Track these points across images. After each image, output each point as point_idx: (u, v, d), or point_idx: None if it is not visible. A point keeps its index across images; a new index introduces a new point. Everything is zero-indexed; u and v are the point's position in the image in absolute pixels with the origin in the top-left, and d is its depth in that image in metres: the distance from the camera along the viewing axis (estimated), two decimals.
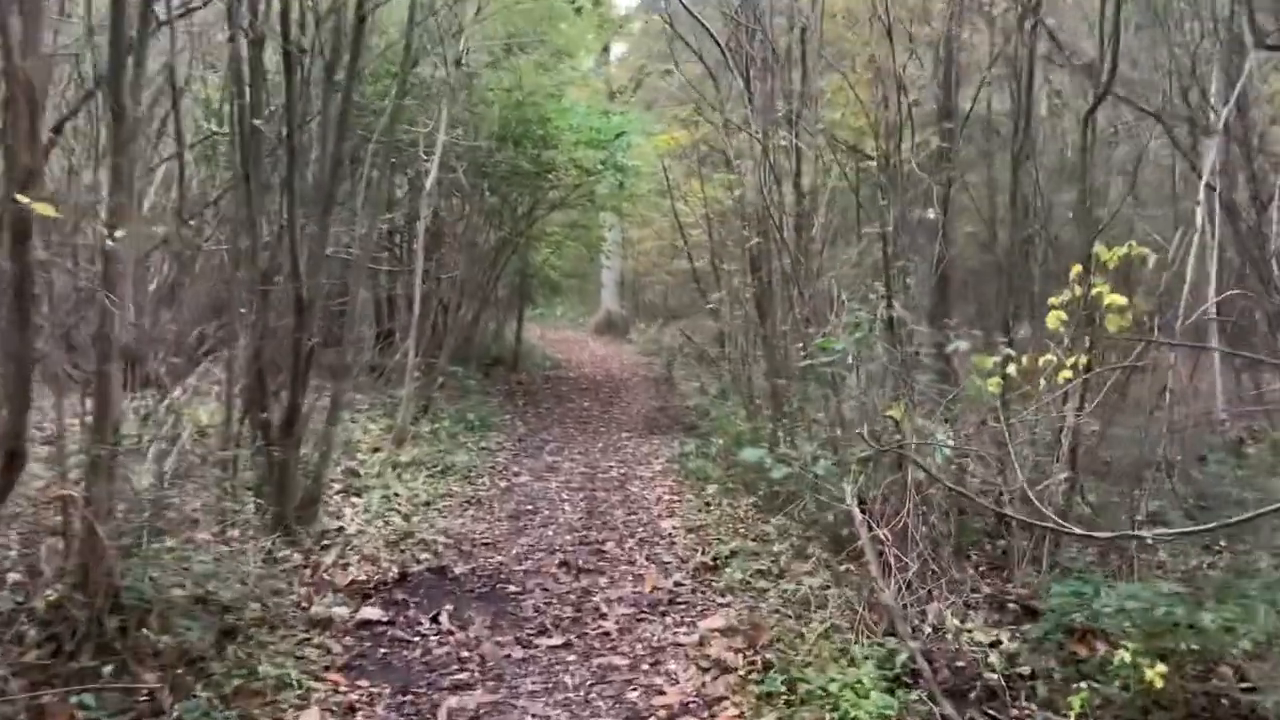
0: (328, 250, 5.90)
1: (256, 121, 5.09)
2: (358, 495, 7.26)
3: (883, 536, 4.52)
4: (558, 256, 16.87)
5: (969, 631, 4.29)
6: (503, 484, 8.35)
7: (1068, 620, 3.97)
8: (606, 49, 21.22)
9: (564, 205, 14.16)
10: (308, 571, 5.39)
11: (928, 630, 4.39)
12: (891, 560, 4.48)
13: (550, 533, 6.75)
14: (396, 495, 7.35)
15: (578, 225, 15.53)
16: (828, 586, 5.21)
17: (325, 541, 5.88)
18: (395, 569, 5.61)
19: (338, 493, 7.23)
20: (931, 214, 5.31)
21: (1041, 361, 5.10)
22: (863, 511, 4.79)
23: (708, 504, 7.54)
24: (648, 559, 6.08)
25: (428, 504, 7.21)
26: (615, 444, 10.52)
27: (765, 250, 6.93)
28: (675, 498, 7.86)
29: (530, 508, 7.50)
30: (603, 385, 15.36)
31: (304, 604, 4.91)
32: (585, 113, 12.75)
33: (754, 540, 6.32)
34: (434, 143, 8.61)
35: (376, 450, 8.36)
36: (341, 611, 4.85)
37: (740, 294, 8.49)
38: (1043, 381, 5.20)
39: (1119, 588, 3.96)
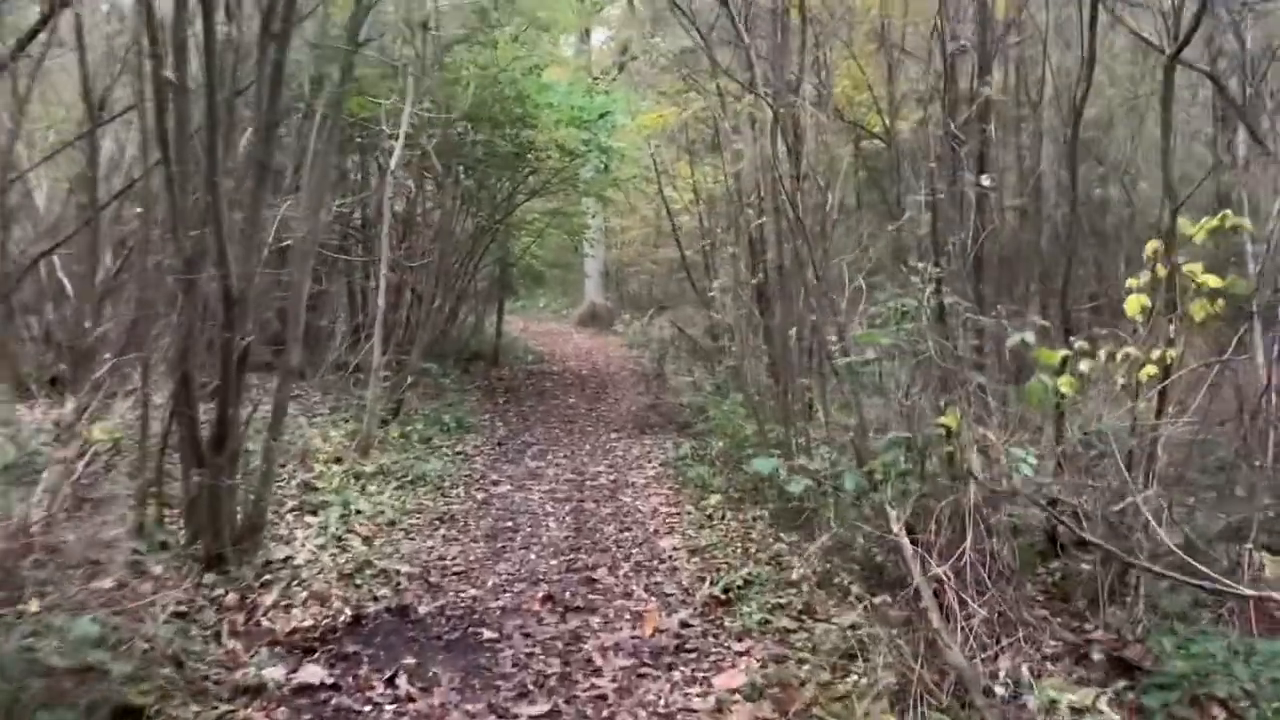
0: (269, 235, 4.91)
1: (167, 74, 4.11)
2: (313, 513, 6.31)
3: (942, 576, 3.60)
4: (539, 246, 15.87)
5: (1055, 697, 3.38)
6: (480, 495, 7.40)
7: (1203, 690, 3.07)
8: (588, 33, 20.22)
9: (545, 191, 13.18)
10: (241, 617, 4.44)
11: (1002, 692, 3.49)
12: (955, 604, 3.57)
13: (533, 556, 5.81)
14: (358, 513, 6.40)
15: (560, 212, 14.55)
16: (863, 625, 4.33)
17: (267, 576, 4.92)
18: (348, 610, 4.66)
19: (291, 510, 6.27)
20: (987, 180, 4.41)
21: (1120, 356, 4.22)
22: (913, 542, 3.87)
23: (710, 517, 6.62)
24: (647, 590, 5.15)
25: (393, 523, 6.26)
26: (604, 445, 9.58)
27: (776, 230, 6.00)
28: (673, 510, 6.94)
29: (510, 524, 6.56)
30: (589, 380, 14.41)
31: (230, 664, 3.96)
32: (567, 91, 11.78)
33: (769, 564, 5.40)
34: (399, 118, 7.63)
35: (338, 460, 7.40)
36: (276, 673, 3.90)
37: (742, 281, 7.57)
38: (1119, 379, 4.31)
39: (1260, 648, 3.07)
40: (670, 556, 5.74)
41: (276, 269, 9.37)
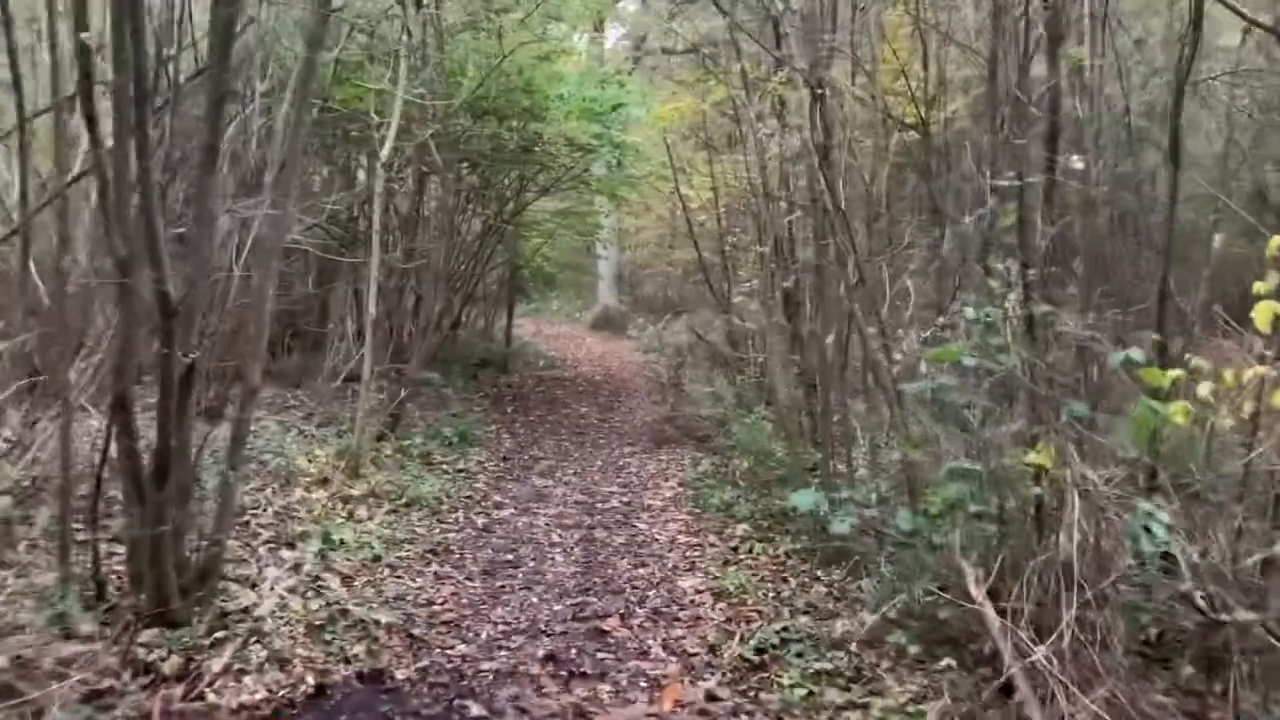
0: (222, 230, 4.16)
1: (85, 36, 3.35)
2: (290, 546, 5.54)
3: (1043, 661, 2.80)
4: (550, 247, 15.09)
5: None
6: (480, 521, 6.62)
7: None
8: (601, 25, 19.44)
9: (556, 189, 12.40)
10: (180, 691, 3.67)
11: None
12: (1063, 699, 2.76)
13: (535, 599, 5.02)
14: (341, 544, 5.63)
15: (571, 212, 13.77)
16: (927, 697, 3.55)
17: (220, 633, 4.15)
18: (310, 678, 3.88)
19: (265, 543, 5.51)
20: (1078, 162, 3.61)
21: (1247, 378, 3.39)
22: (999, 611, 3.07)
23: (735, 551, 5.82)
24: (665, 647, 4.35)
25: (377, 559, 5.48)
26: (616, 461, 8.80)
27: (814, 226, 5.20)
28: (694, 540, 6.14)
29: (511, 557, 5.78)
30: (601, 387, 13.64)
31: None
32: (578, 82, 11.01)
33: (807, 614, 4.60)
34: (391, 104, 6.87)
35: (324, 482, 6.63)
36: None
37: (772, 283, 6.78)
38: (1247, 405, 3.49)
39: None
40: (693, 601, 4.94)
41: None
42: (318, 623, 4.41)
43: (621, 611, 4.80)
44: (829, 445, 5.48)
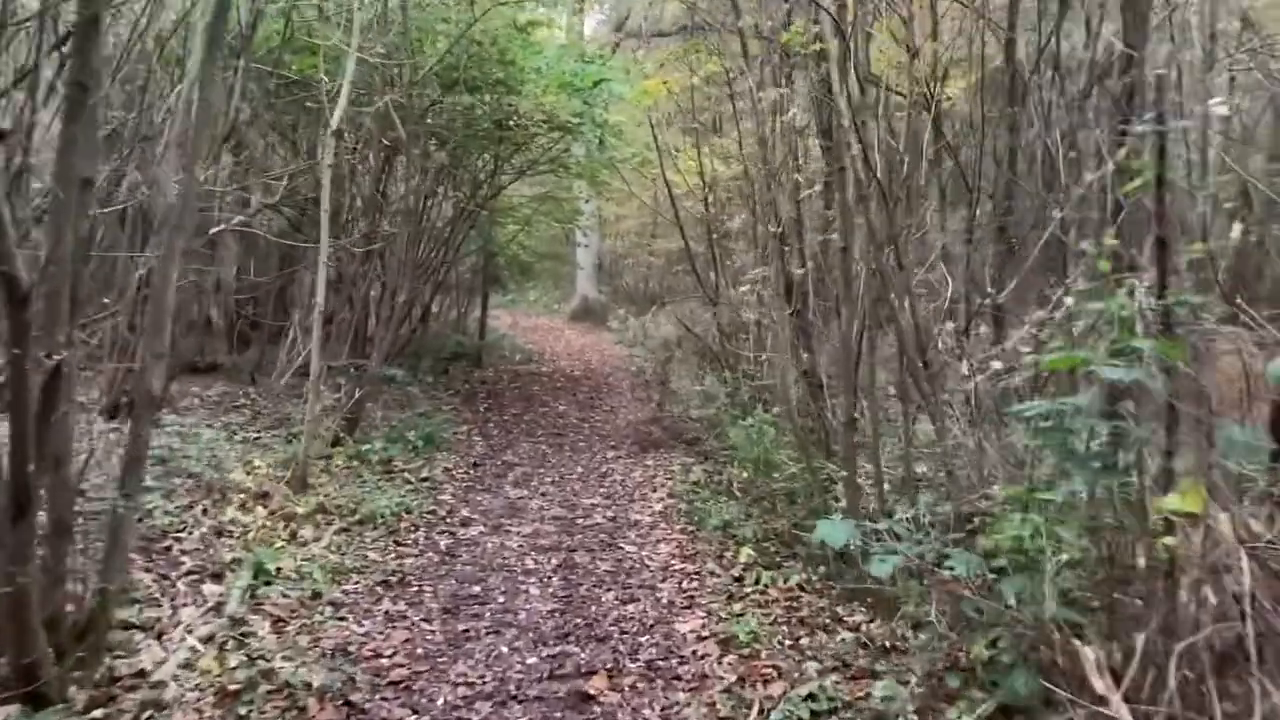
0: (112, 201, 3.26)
1: None
2: (217, 578, 4.64)
3: None
4: (527, 234, 14.13)
5: None
6: (443, 542, 5.73)
7: None
8: (581, 5, 18.47)
9: (533, 172, 11.47)
10: None
11: None
12: None
13: (504, 648, 4.13)
14: (277, 574, 4.73)
15: (550, 197, 12.84)
16: None
17: (103, 710, 3.24)
18: None
19: (186, 574, 4.60)
20: (1221, 106, 2.77)
21: None
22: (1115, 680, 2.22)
23: (740, 581, 4.96)
24: (665, 717, 3.49)
25: (317, 595, 4.57)
26: (598, 468, 7.91)
27: (839, 200, 4.32)
28: (690, 567, 5.27)
29: (477, 590, 4.89)
30: (581, 382, 12.74)
31: None
32: (558, 54, 10.09)
33: (836, 669, 3.75)
34: (342, 67, 5.92)
35: (263, 497, 5.70)
36: None
37: (781, 271, 5.92)
38: None
39: None
40: (695, 652, 4.07)
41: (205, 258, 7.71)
42: (233, 687, 3.50)
43: (609, 666, 3.92)
44: (852, 460, 4.62)
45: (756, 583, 4.87)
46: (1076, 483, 2.51)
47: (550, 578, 5.11)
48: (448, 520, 6.21)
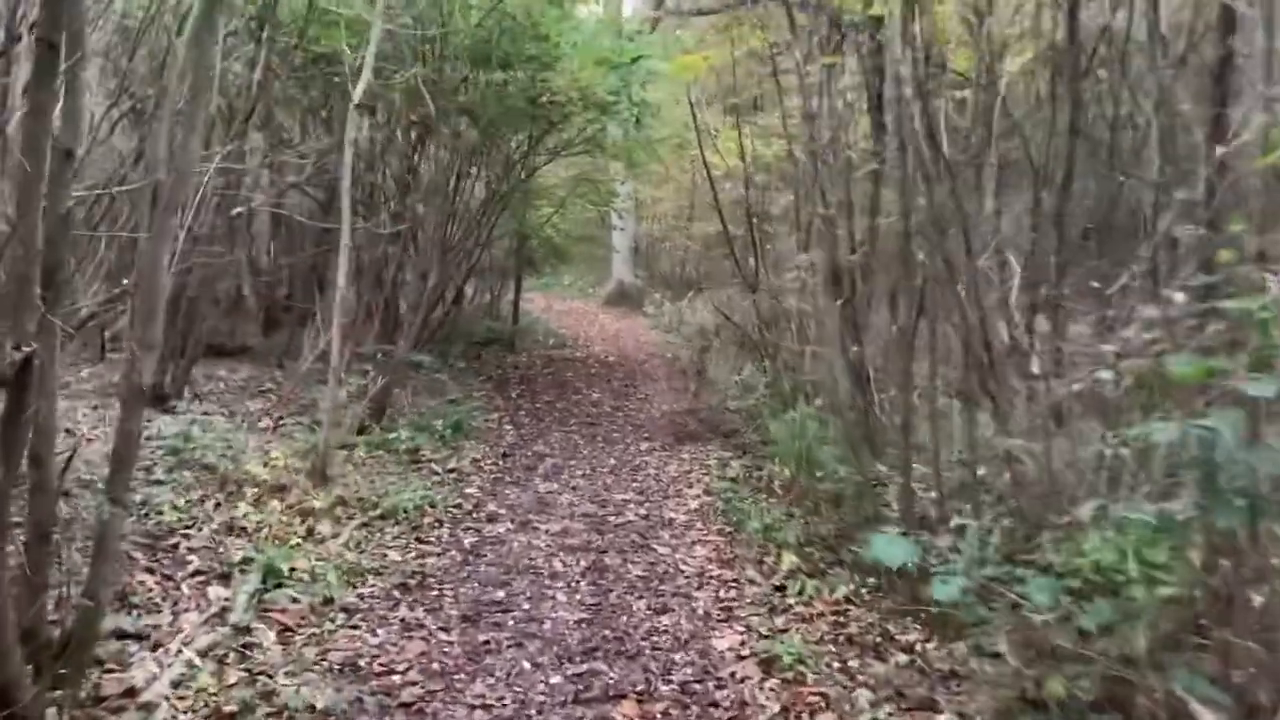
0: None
1: None
2: (224, 579, 4.35)
3: None
4: (561, 217, 13.74)
5: None
6: (468, 540, 5.41)
7: None
8: None
9: (568, 151, 11.08)
10: None
11: None
12: None
13: (527, 664, 3.80)
14: (290, 576, 4.43)
15: (585, 179, 12.45)
16: None
17: None
18: None
19: (191, 575, 4.32)
20: None
21: None
22: None
23: (782, 590, 4.59)
24: None
25: (329, 601, 4.26)
26: (632, 460, 7.56)
27: (901, 177, 3.88)
28: (728, 573, 4.90)
29: (501, 596, 4.56)
30: (615, 369, 12.39)
31: None
32: (595, 29, 9.67)
33: (891, 699, 3.37)
34: (367, 38, 5.58)
35: (281, 490, 5.41)
36: None
37: (833, 256, 5.50)
38: None
39: None
40: (734, 674, 3.70)
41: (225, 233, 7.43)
42: (230, 709, 3.19)
43: (640, 689, 3.57)
44: (906, 461, 4.21)
45: (800, 593, 4.50)
46: (1221, 521, 2.10)
47: (578, 582, 4.76)
48: (473, 515, 5.89)
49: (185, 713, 3.14)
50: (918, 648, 3.83)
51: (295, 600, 4.22)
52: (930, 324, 5.60)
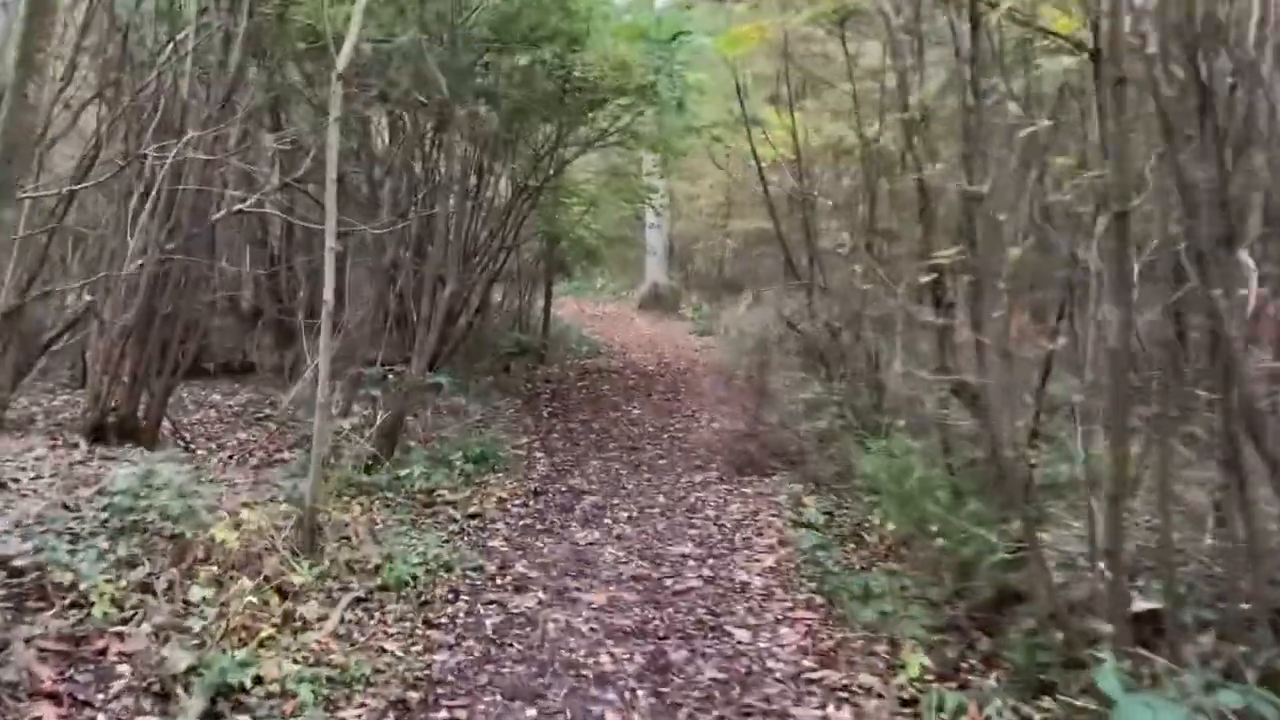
0: None
1: None
2: (163, 697, 3.15)
3: None
4: (593, 216, 12.47)
5: None
6: (490, 620, 4.17)
7: None
8: None
9: (602, 142, 9.84)
10: None
11: None
12: None
13: None
14: (250, 689, 3.23)
15: (618, 173, 11.21)
16: None
17: None
18: None
19: (122, 693, 3.12)
20: None
21: None
22: None
23: (911, 706, 3.30)
24: None
25: None
26: (685, 496, 6.30)
27: (1116, 132, 2.59)
28: (833, 675, 3.61)
29: (531, 716, 3.31)
30: (655, 379, 11.14)
31: None
32: (630, 3, 8.44)
33: None
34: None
35: (252, 562, 4.19)
36: None
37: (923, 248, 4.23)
38: None
39: None
40: None
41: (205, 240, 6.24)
42: None
43: None
44: (1116, 535, 2.90)
45: (939, 710, 3.21)
46: None
47: (635, 691, 3.51)
48: (497, 581, 4.65)
49: None
50: None
51: None
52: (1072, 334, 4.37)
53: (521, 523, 5.64)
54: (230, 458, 6.01)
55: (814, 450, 6.54)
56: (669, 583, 4.68)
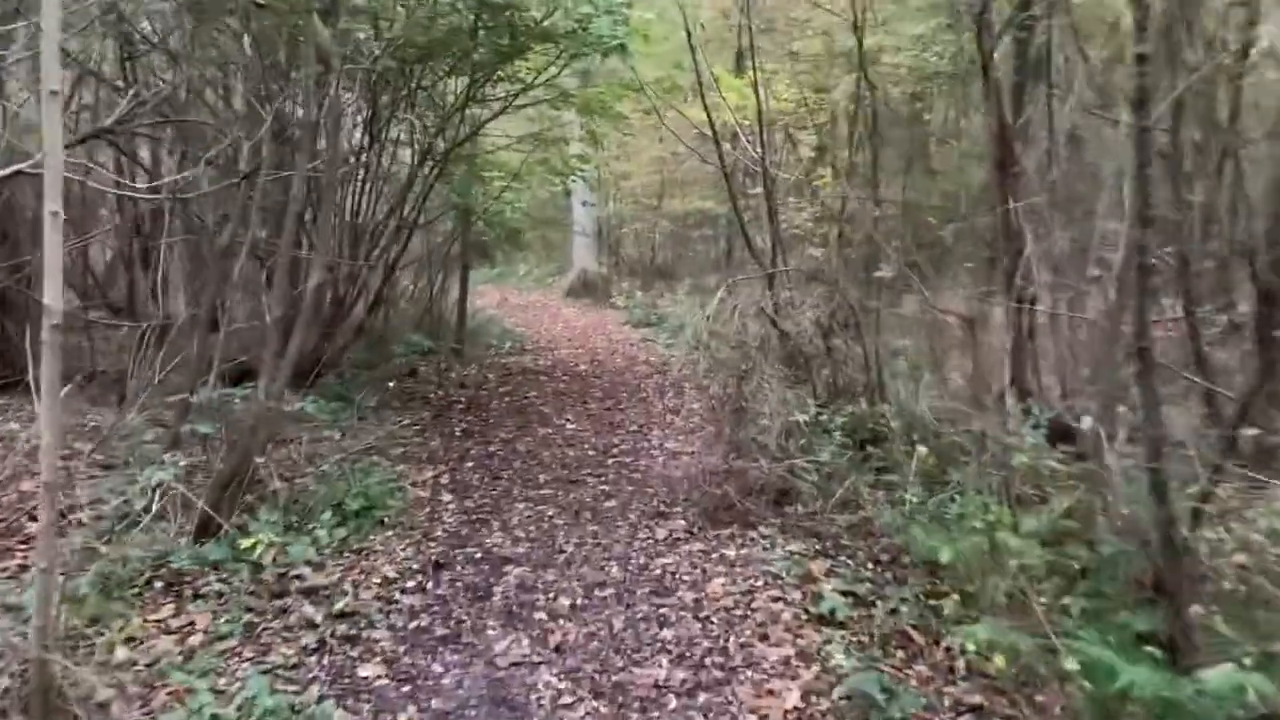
0: None
1: None
2: None
3: None
4: (515, 193, 10.44)
5: None
6: None
7: None
8: None
9: (528, 99, 7.86)
10: None
11: None
12: None
13: None
14: None
15: (543, 139, 9.22)
16: None
17: None
18: None
19: None
20: None
21: None
22: None
23: None
24: None
25: None
26: (647, 565, 4.44)
27: None
28: None
29: None
30: (591, 381, 9.26)
31: None
32: None
33: None
34: None
35: None
36: None
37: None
38: None
39: None
40: None
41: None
42: None
43: None
44: None
45: None
46: None
47: None
48: None
49: None
50: None
51: None
52: None
53: (413, 624, 3.72)
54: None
55: (813, 491, 4.76)
56: None
